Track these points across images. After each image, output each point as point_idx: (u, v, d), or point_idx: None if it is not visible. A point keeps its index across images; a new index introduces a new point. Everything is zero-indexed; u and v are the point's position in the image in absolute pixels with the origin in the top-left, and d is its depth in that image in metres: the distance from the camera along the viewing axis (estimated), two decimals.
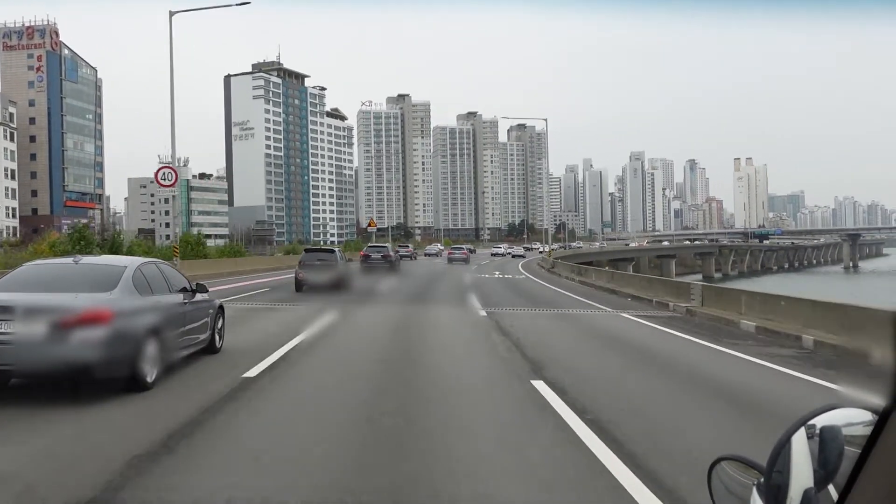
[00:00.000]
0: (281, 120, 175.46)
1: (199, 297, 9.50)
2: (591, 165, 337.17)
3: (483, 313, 16.61)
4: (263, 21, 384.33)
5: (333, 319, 14.66)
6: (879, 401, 1.05)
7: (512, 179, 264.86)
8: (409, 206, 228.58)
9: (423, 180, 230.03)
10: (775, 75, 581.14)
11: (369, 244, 48.76)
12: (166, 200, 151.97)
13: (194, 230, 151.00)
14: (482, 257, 73.45)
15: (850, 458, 1.12)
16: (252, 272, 35.84)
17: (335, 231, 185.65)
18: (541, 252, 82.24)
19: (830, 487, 1.16)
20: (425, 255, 77.75)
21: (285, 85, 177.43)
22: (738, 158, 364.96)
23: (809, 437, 1.27)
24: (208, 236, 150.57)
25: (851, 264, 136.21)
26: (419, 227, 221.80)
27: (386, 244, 50.17)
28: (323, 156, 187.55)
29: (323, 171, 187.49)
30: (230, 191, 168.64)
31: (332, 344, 11.71)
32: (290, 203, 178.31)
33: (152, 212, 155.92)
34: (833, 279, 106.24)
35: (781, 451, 1.29)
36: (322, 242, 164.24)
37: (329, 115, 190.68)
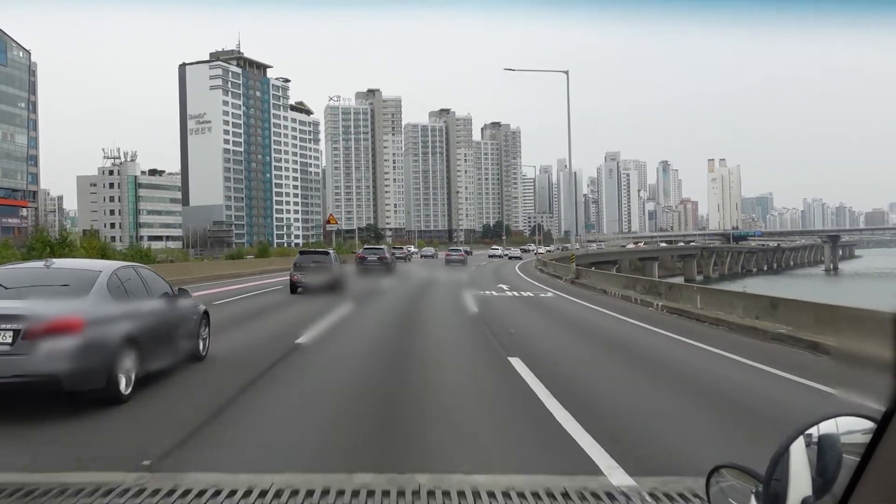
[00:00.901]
0: (241, 113, 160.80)
1: (181, 302, 8.95)
2: (566, 166, 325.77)
3: None
4: (223, 11, 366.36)
5: None
6: (877, 409, 1.02)
7: (486, 179, 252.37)
8: (379, 207, 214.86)
9: (395, 179, 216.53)
10: (744, 80, 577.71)
11: (365, 246, 49.42)
12: (111, 198, 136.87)
13: (143, 231, 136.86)
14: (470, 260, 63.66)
15: (849, 466, 1.10)
16: None
17: (300, 232, 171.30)
18: (536, 254, 77.52)
19: (829, 496, 1.14)
20: (421, 256, 77.79)
21: (245, 75, 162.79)
22: (713, 159, 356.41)
23: (808, 445, 1.25)
24: (159, 238, 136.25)
25: (832, 266, 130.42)
26: (390, 229, 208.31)
27: (382, 246, 49.91)
28: (287, 152, 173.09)
29: (287, 169, 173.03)
30: (185, 189, 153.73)
31: None
32: (251, 202, 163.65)
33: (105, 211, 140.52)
34: (843, 282, 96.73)
35: (780, 460, 1.27)
36: (286, 245, 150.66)
37: (293, 108, 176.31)
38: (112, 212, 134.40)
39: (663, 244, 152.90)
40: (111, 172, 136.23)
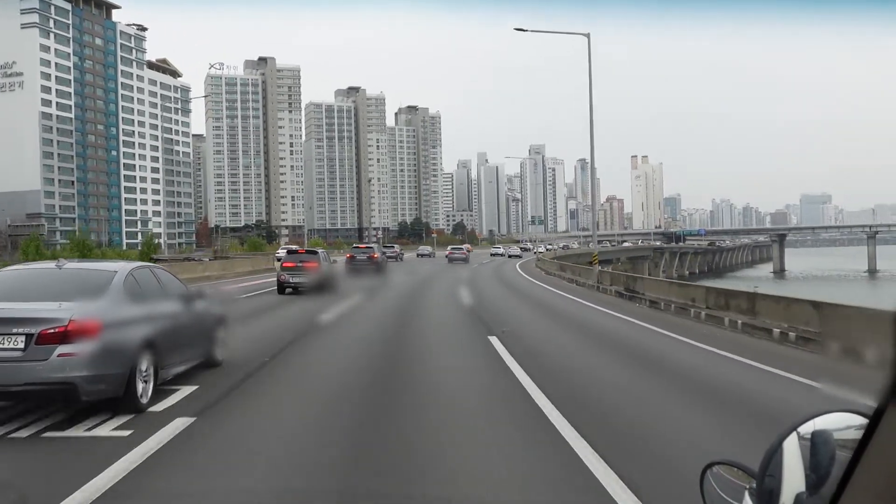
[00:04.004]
0: (71, 65, 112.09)
1: (198, 304, 8.32)
2: (487, 160, 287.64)
3: None
4: None
5: None
6: (870, 404, 0.99)
7: (402, 170, 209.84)
8: (273, 200, 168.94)
9: (292, 167, 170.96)
10: (655, 82, 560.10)
11: (354, 245, 49.26)
12: None
13: None
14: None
15: (842, 462, 1.06)
16: None
17: (162, 230, 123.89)
18: (535, 253, 73.33)
19: (822, 492, 1.11)
20: (417, 255, 74.49)
21: (79, 15, 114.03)
22: (636, 156, 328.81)
23: (801, 441, 1.22)
24: None
25: (780, 267, 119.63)
26: (287, 226, 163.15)
27: (372, 244, 48.03)
28: (143, 123, 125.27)
29: (143, 146, 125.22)
30: None
31: None
32: (88, 189, 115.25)
33: None
34: (835, 285, 74.82)
35: (773, 456, 1.24)
36: (141, 246, 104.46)
37: (153, 66, 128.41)
38: None
39: (628, 243, 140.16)
40: None
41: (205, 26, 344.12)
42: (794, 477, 1.18)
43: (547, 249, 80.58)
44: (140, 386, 6.28)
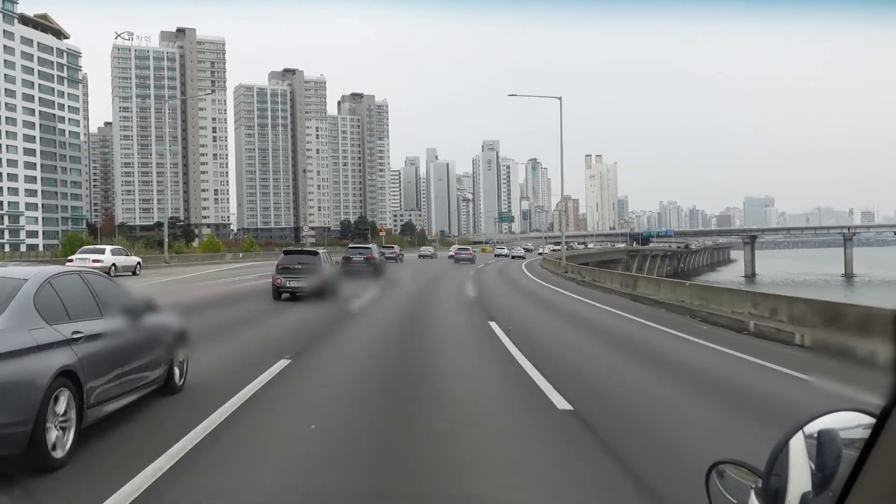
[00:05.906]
0: None
1: (148, 319, 6.48)
2: (437, 157, 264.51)
3: None
4: None
5: None
6: (876, 403, 0.97)
7: (344, 164, 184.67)
8: (192, 193, 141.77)
9: (216, 155, 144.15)
10: (606, 83, 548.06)
11: (351, 245, 45.26)
12: None
13: None
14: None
15: (848, 461, 1.05)
16: None
17: (39, 228, 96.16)
18: (540, 253, 72.31)
19: (829, 491, 1.09)
20: (419, 256, 70.33)
21: None
22: (590, 155, 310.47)
23: (807, 440, 1.20)
24: None
25: (752, 271, 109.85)
26: (208, 225, 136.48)
27: (370, 245, 42.14)
28: (13, 93, 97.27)
29: (12, 121, 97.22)
30: None
31: None
32: None
33: None
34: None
35: (779, 455, 1.22)
36: (7, 248, 78.87)
37: (29, 22, 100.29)
38: None
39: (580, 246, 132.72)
40: None
41: None
42: (800, 476, 1.16)
43: (553, 251, 73.70)
44: (53, 435, 4.68)
